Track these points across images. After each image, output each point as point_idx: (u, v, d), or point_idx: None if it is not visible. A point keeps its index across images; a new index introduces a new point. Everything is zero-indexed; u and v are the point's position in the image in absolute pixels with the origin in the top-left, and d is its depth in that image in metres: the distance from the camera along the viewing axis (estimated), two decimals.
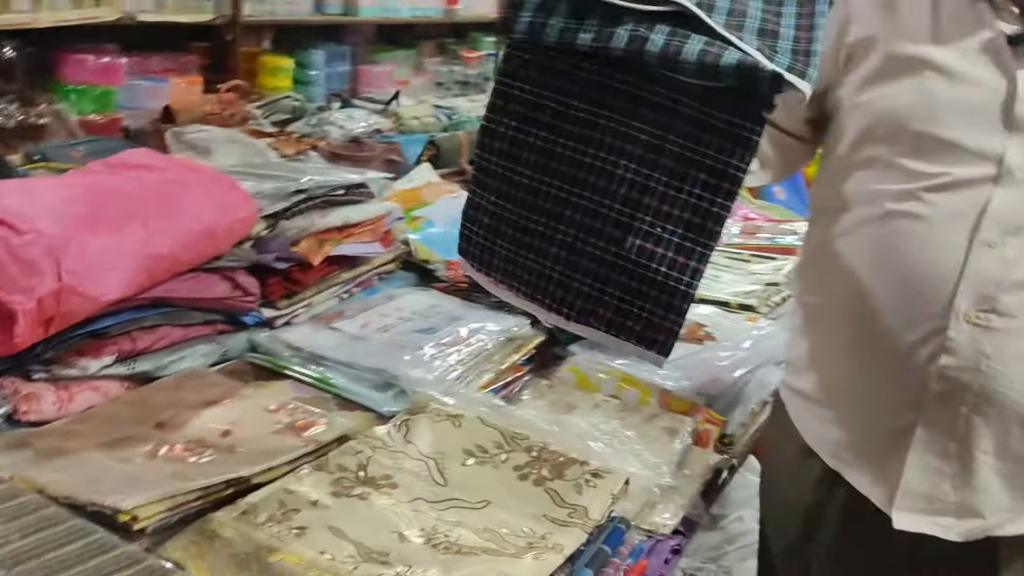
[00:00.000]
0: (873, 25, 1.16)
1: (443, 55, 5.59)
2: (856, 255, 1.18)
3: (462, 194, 2.07)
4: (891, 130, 1.14)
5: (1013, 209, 1.08)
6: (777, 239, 2.17)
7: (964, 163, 1.10)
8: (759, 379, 1.54)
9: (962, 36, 1.12)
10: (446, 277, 1.68)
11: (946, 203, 1.10)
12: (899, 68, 1.14)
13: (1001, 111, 1.09)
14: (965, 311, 1.09)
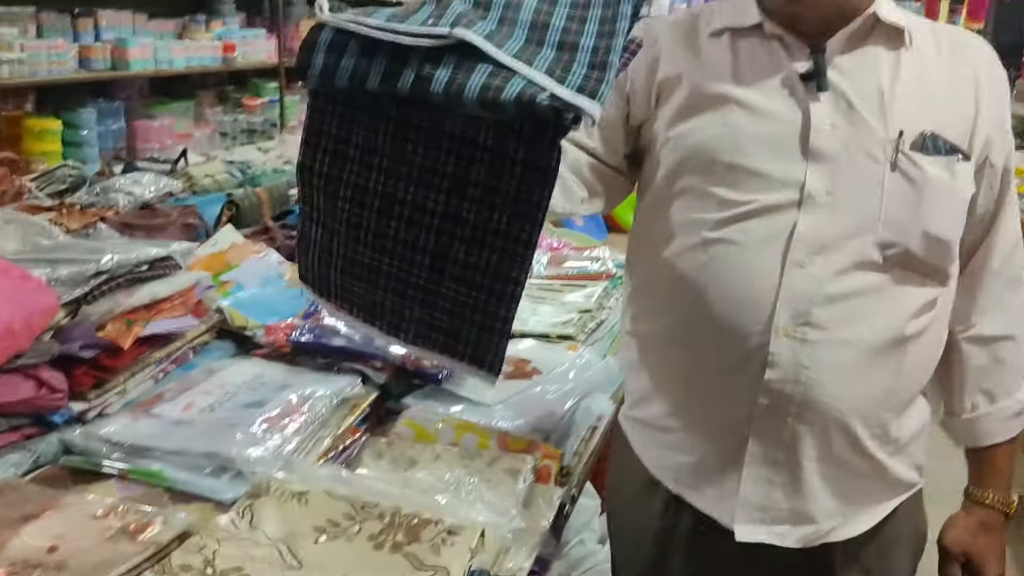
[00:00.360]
0: (679, 65, 1.25)
1: (224, 104, 5.44)
2: (681, 283, 1.24)
3: (269, 253, 2.03)
4: (702, 162, 1.21)
5: (816, 231, 1.17)
6: (584, 267, 2.26)
7: (770, 190, 1.18)
8: (586, 407, 1.60)
9: (760, 75, 1.21)
10: (266, 343, 1.63)
11: (758, 229, 1.18)
12: (705, 104, 1.22)
13: (799, 142, 1.18)
14: (783, 326, 1.17)
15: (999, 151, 1.25)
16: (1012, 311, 1.33)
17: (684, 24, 1.29)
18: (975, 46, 1.27)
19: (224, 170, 2.75)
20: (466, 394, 1.54)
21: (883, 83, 1.19)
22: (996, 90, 1.24)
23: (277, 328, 1.65)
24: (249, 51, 5.30)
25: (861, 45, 1.21)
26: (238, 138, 5.34)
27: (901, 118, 1.18)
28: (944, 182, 1.18)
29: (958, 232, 1.22)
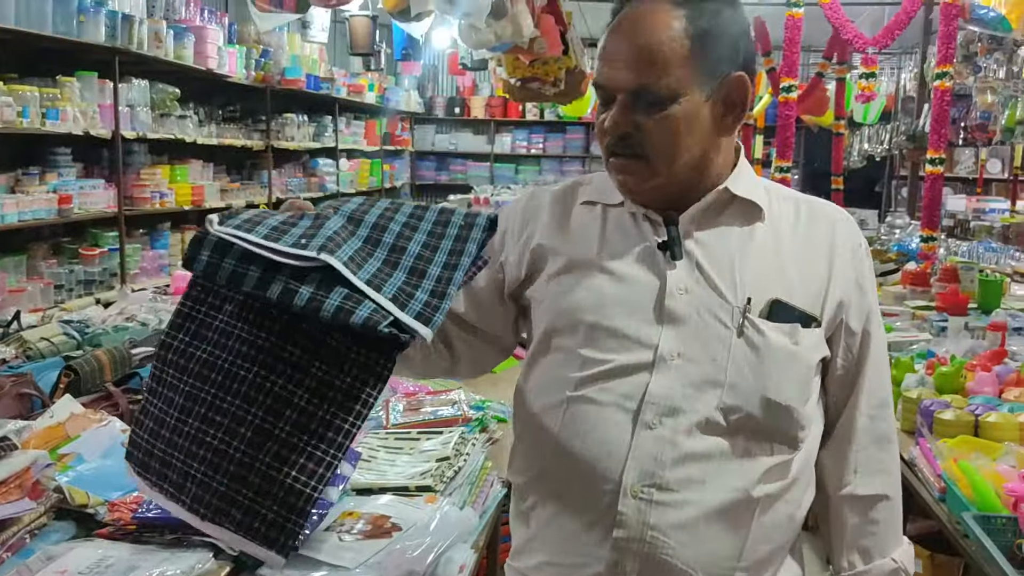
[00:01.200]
0: (554, 233, 1.35)
1: (59, 256, 5.25)
2: (546, 438, 1.30)
3: (112, 421, 1.96)
4: (570, 323, 1.29)
5: (666, 392, 1.23)
6: (439, 411, 2.29)
7: (627, 351, 1.25)
8: (447, 559, 1.60)
9: (624, 244, 1.31)
10: (110, 520, 1.56)
11: (614, 388, 1.24)
12: (575, 269, 1.31)
13: (655, 305, 1.26)
14: (631, 486, 1.21)
15: (856, 314, 1.32)
16: (883, 470, 1.36)
17: (562, 194, 1.40)
18: (831, 216, 1.36)
19: (60, 331, 2.65)
20: (324, 558, 1.52)
21: (735, 253, 1.28)
22: (850, 256, 1.32)
23: (121, 504, 1.58)
24: (87, 201, 5.18)
25: (717, 217, 1.31)
26: (75, 290, 5.15)
27: (750, 286, 1.25)
28: (786, 349, 1.24)
29: (803, 398, 1.27)
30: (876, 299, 1.37)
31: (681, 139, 1.24)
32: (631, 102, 1.24)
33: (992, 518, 1.88)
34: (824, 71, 7.87)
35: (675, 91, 1.22)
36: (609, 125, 1.26)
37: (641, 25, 1.23)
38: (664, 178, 1.27)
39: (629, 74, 1.23)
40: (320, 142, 9.04)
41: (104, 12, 5.05)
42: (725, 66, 1.25)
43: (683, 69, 1.22)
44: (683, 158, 1.26)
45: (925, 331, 3.50)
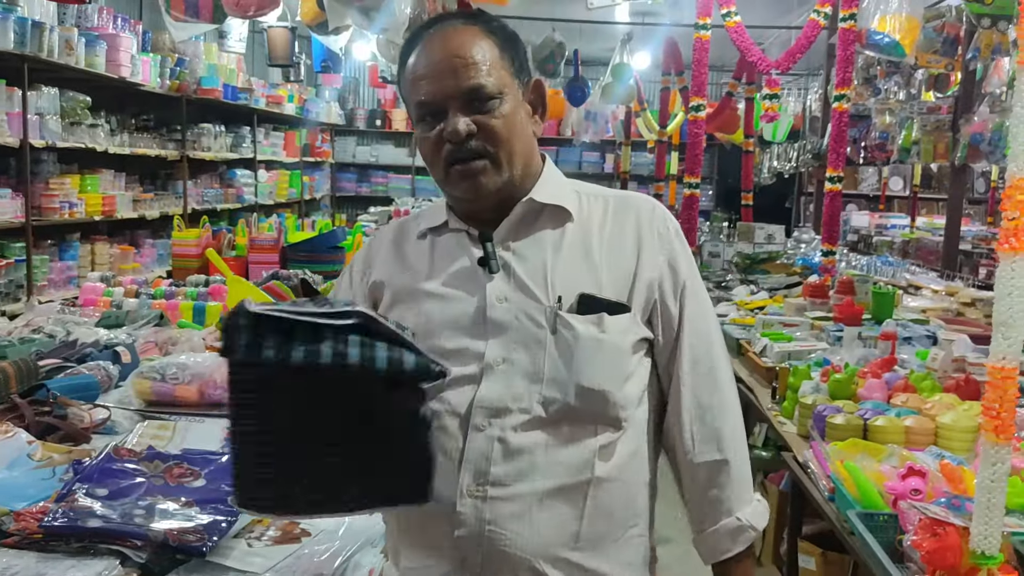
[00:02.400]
0: (388, 269, 1.47)
1: None
2: None
3: (17, 432, 1.94)
4: None
5: (493, 395, 1.34)
6: None
7: (460, 364, 1.35)
8: (356, 563, 1.64)
9: (449, 265, 1.42)
10: (15, 530, 1.55)
11: (448, 399, 1.35)
12: (407, 299, 1.43)
13: (480, 318, 1.37)
14: (467, 487, 1.32)
15: (671, 291, 1.43)
16: (716, 436, 1.45)
17: (398, 231, 1.53)
18: (636, 205, 1.47)
19: None
20: (233, 564, 1.54)
21: (547, 257, 1.39)
22: (657, 240, 1.43)
23: (27, 514, 1.58)
24: None
25: (530, 226, 1.42)
26: None
27: (560, 285, 1.37)
28: (594, 337, 1.34)
29: (618, 380, 1.37)
30: (694, 275, 1.47)
31: (516, 131, 1.38)
32: (465, 105, 1.35)
33: (875, 515, 2.00)
34: (734, 91, 8.14)
35: (500, 89, 1.36)
36: (450, 132, 1.34)
37: (454, 39, 1.37)
38: (506, 173, 1.37)
39: (458, 81, 1.34)
40: (238, 153, 8.94)
41: (13, 18, 4.94)
42: (526, 70, 1.42)
43: (501, 69, 1.37)
44: (518, 150, 1.38)
45: (823, 340, 3.67)
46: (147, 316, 3.35)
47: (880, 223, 9.08)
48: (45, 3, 5.33)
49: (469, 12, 1.47)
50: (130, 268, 6.35)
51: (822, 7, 5.12)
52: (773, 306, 4.50)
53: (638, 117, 10.16)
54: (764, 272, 5.96)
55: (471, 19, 1.42)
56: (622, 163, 10.75)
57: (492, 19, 1.43)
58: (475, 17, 1.43)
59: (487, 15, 1.45)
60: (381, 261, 1.50)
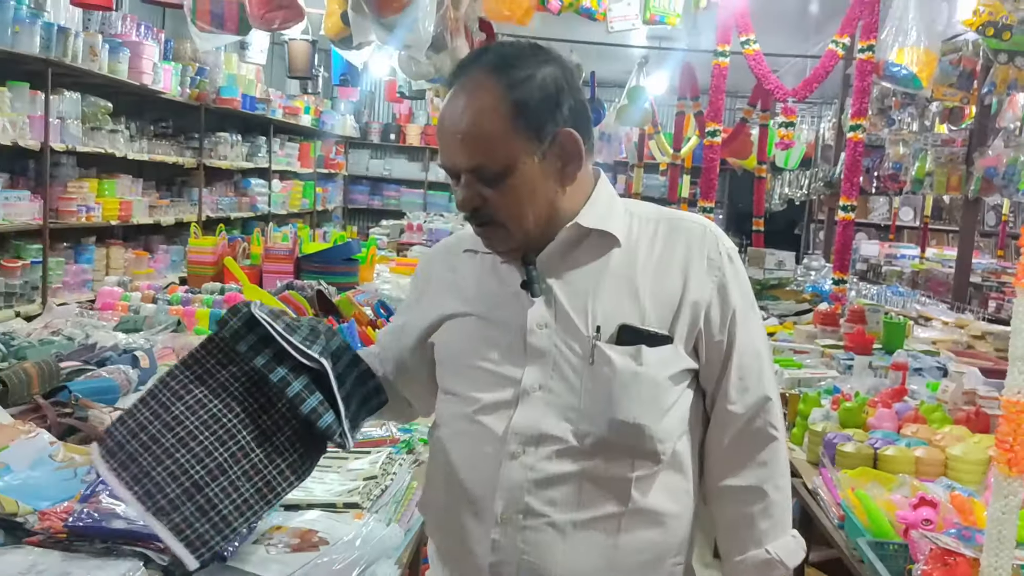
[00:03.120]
0: (439, 294, 1.51)
1: None
2: (437, 472, 1.46)
3: (40, 433, 1.97)
4: (452, 366, 1.45)
5: (529, 423, 1.34)
6: (369, 432, 2.34)
7: (496, 388, 1.37)
8: (371, 573, 1.66)
9: (494, 289, 1.44)
10: (40, 529, 1.58)
11: (486, 422, 1.37)
12: (456, 318, 1.46)
13: (520, 343, 1.37)
14: (501, 514, 1.34)
15: (718, 317, 1.37)
16: (758, 464, 1.41)
17: (446, 250, 1.57)
18: (688, 229, 1.41)
19: None
20: (252, 570, 1.56)
21: (590, 285, 1.37)
22: (706, 265, 1.38)
23: (52, 513, 1.60)
24: (11, 212, 5.10)
25: (574, 251, 1.40)
26: None
27: (601, 315, 1.35)
28: (631, 370, 1.32)
29: (656, 414, 1.34)
30: (745, 302, 1.41)
31: (525, 203, 1.35)
32: (472, 179, 1.35)
33: (885, 544, 2.02)
34: (748, 117, 8.18)
35: (508, 164, 1.32)
36: (459, 202, 1.37)
37: (463, 109, 1.33)
38: (521, 237, 1.37)
39: (463, 156, 1.33)
40: (253, 162, 9.01)
41: (40, 23, 5.01)
42: (551, 126, 1.34)
43: (510, 142, 1.32)
44: (531, 217, 1.36)
45: (833, 368, 3.69)
46: (164, 322, 3.39)
47: (890, 253, 9.09)
48: (71, 9, 5.39)
49: (501, 56, 1.36)
50: (144, 273, 6.39)
51: (840, 38, 5.16)
52: (783, 332, 4.52)
53: (652, 140, 10.21)
54: (774, 298, 5.97)
55: (496, 71, 1.33)
56: (634, 184, 10.79)
57: (523, 66, 1.34)
58: (501, 69, 1.33)
59: (520, 60, 1.35)
60: (432, 283, 1.54)
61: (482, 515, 1.35)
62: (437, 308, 1.49)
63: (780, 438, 1.44)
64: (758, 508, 1.42)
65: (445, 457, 1.43)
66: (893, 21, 4.70)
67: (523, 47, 1.39)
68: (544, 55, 1.38)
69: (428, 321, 1.50)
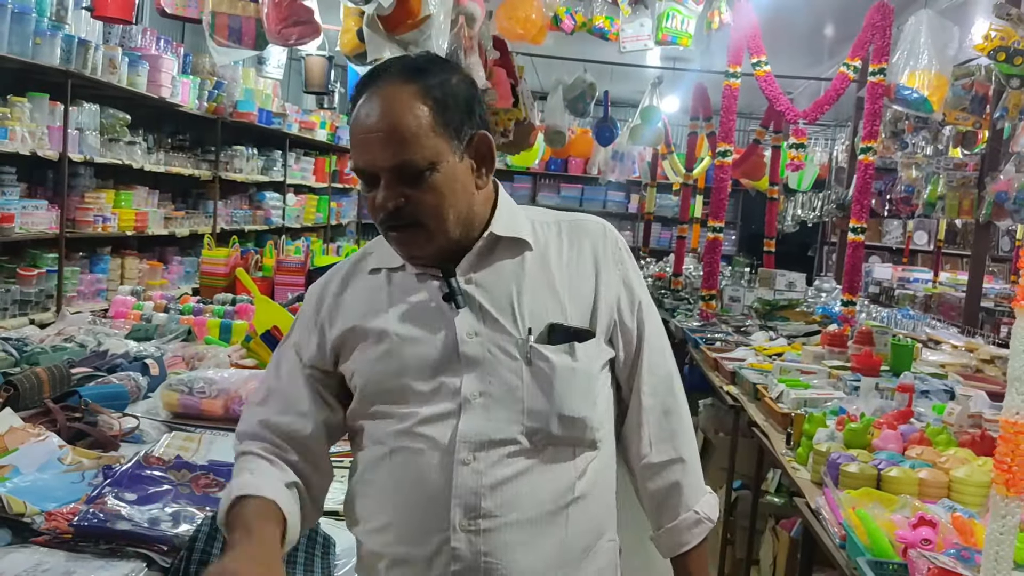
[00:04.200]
0: (345, 316, 1.46)
1: None
2: (376, 490, 1.42)
3: (50, 437, 2.00)
4: (379, 388, 1.42)
5: (476, 428, 1.36)
6: None
7: (436, 401, 1.38)
8: None
9: (411, 305, 1.43)
10: (46, 529, 1.61)
11: (430, 434, 1.37)
12: (371, 338, 1.43)
13: (452, 354, 1.39)
14: (459, 522, 1.35)
15: (628, 309, 1.49)
16: (671, 435, 1.53)
17: (349, 271, 1.51)
18: (586, 226, 1.51)
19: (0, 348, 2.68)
20: None
21: (512, 289, 1.41)
22: (612, 261, 1.49)
23: (58, 514, 1.63)
24: (29, 221, 5.16)
25: (489, 258, 1.43)
26: (9, 309, 5.10)
27: (529, 317, 1.40)
28: (567, 366, 1.40)
29: (592, 405, 1.43)
30: (644, 290, 1.54)
31: (447, 200, 1.36)
32: (395, 178, 1.34)
33: (884, 564, 2.02)
34: (761, 138, 8.21)
35: (431, 160, 1.34)
36: (380, 203, 1.36)
37: (385, 108, 1.33)
38: (442, 238, 1.38)
39: (386, 154, 1.33)
40: (268, 175, 9.08)
41: (60, 36, 5.08)
42: (468, 127, 1.39)
43: (433, 138, 1.34)
44: (452, 216, 1.38)
45: (840, 389, 3.69)
46: (175, 331, 3.43)
47: (903, 276, 9.06)
48: (92, 22, 5.47)
49: (412, 64, 1.40)
50: (158, 284, 6.45)
51: (852, 61, 5.19)
52: (791, 353, 4.52)
53: (665, 159, 10.24)
54: (784, 319, 5.97)
55: (410, 77, 1.36)
56: (647, 204, 10.81)
57: (434, 73, 1.38)
58: (414, 74, 1.37)
59: (431, 67, 1.40)
60: (334, 306, 1.49)
61: (438, 525, 1.36)
62: (345, 330, 1.46)
63: (683, 403, 1.57)
64: (679, 475, 1.53)
65: (386, 475, 1.41)
66: (905, 45, 4.72)
67: (431, 57, 1.44)
68: (452, 65, 1.44)
69: (335, 345, 1.47)
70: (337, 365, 1.48)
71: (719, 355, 4.76)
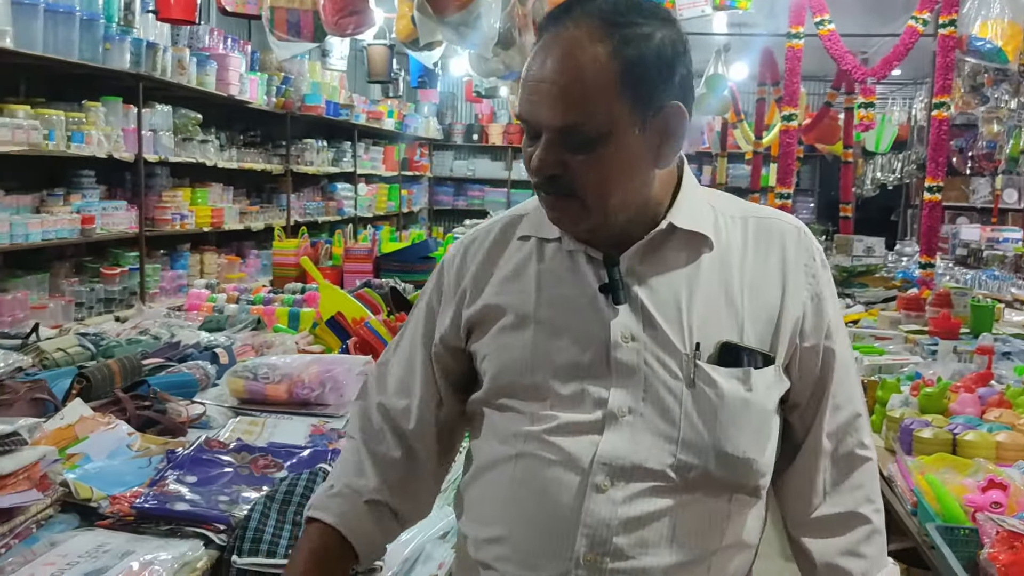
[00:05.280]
0: (489, 290, 1.26)
1: (81, 274, 5.42)
2: (495, 495, 1.23)
3: (119, 424, 2.07)
4: (513, 379, 1.22)
5: (618, 451, 1.15)
6: None
7: (576, 408, 1.17)
8: (427, 554, 1.71)
9: (563, 290, 1.21)
10: (110, 512, 1.67)
11: (564, 446, 1.16)
12: (511, 323, 1.23)
13: (603, 357, 1.17)
14: (583, 554, 1.14)
15: (813, 332, 1.23)
16: (856, 490, 1.27)
17: (499, 236, 1.30)
18: (781, 231, 1.26)
19: (76, 343, 2.78)
20: None
21: (681, 293, 1.19)
22: (803, 273, 1.24)
23: (121, 498, 1.69)
24: (109, 222, 5.35)
25: (659, 252, 1.20)
26: (95, 307, 5.31)
27: (699, 330, 1.17)
28: (740, 397, 1.16)
29: (763, 447, 1.19)
30: (837, 312, 1.28)
31: (614, 180, 1.15)
32: (558, 140, 1.13)
33: (955, 529, 1.95)
34: (832, 101, 7.98)
35: (605, 130, 1.12)
36: (536, 165, 1.16)
37: (565, 57, 1.12)
38: (600, 218, 1.17)
39: (554, 112, 1.12)
40: (339, 167, 9.23)
41: (129, 40, 5.24)
42: (660, 96, 1.14)
43: (612, 105, 1.11)
44: (617, 197, 1.16)
45: (917, 355, 3.57)
46: (245, 321, 3.52)
47: (992, 236, 8.71)
48: (160, 25, 5.63)
49: (612, 6, 1.14)
50: (236, 277, 6.63)
51: (920, 14, 4.99)
52: (867, 319, 4.40)
53: (735, 128, 10.04)
54: (862, 286, 5.81)
55: (603, 24, 1.12)
56: (718, 175, 10.63)
57: (635, 23, 1.13)
58: (610, 21, 1.13)
59: (633, 15, 1.14)
60: (479, 276, 1.28)
61: (558, 553, 1.16)
62: (485, 307, 1.26)
63: (873, 457, 1.31)
64: (860, 535, 1.27)
65: (507, 481, 1.21)
66: None
67: (636, 1, 1.17)
68: (663, 12, 1.18)
69: (472, 320, 1.28)
70: (468, 342, 1.29)
71: None
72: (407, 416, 1.33)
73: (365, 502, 1.30)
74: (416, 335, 1.35)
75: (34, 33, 4.42)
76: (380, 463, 1.33)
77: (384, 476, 1.32)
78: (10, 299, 4.51)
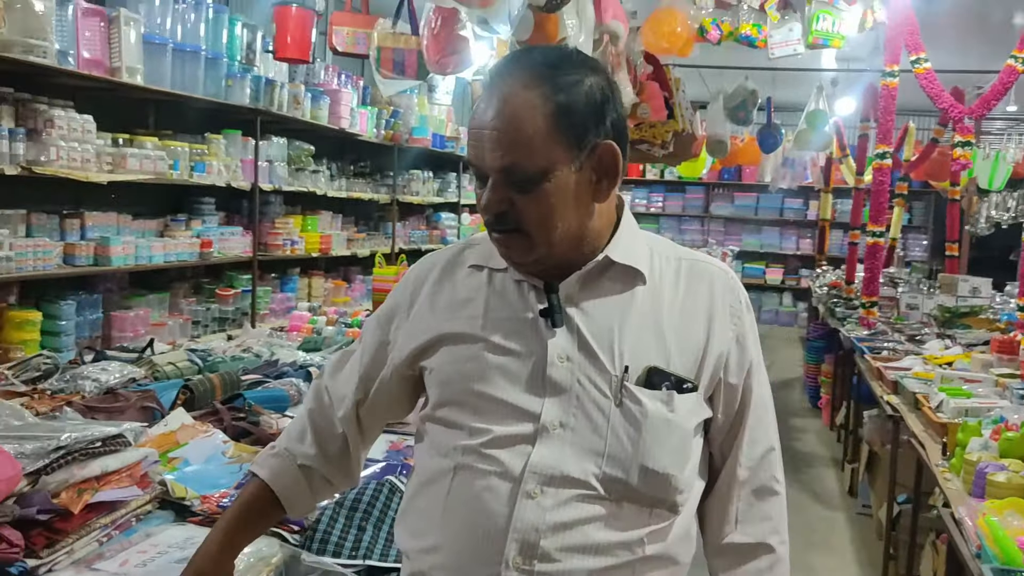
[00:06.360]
0: (439, 310, 1.38)
1: (198, 295, 5.78)
2: (431, 507, 1.32)
3: (215, 433, 2.28)
4: (456, 392, 1.32)
5: (549, 461, 1.24)
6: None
7: (511, 421, 1.27)
8: None
9: (507, 313, 1.33)
10: (201, 511, 1.86)
11: (498, 458, 1.26)
12: (461, 341, 1.34)
13: (538, 375, 1.28)
14: (513, 559, 1.22)
15: (736, 370, 1.34)
16: (764, 518, 1.38)
17: (450, 262, 1.43)
18: (710, 274, 1.38)
19: (186, 358, 3.04)
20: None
21: (615, 320, 1.30)
22: (728, 315, 1.35)
23: (211, 498, 1.88)
24: (226, 246, 5.70)
25: (596, 283, 1.32)
26: (209, 326, 5.65)
27: (628, 354, 1.28)
28: (663, 417, 1.26)
29: (682, 464, 1.28)
30: (758, 352, 1.39)
31: (556, 213, 1.26)
32: (503, 180, 1.25)
33: (1013, 572, 1.96)
34: (939, 137, 7.79)
35: (544, 168, 1.23)
36: (484, 204, 1.28)
37: (503, 104, 1.24)
38: (545, 250, 1.28)
39: (495, 154, 1.24)
40: (443, 197, 9.51)
41: (249, 77, 5.61)
42: (592, 136, 1.26)
43: (548, 146, 1.23)
44: (560, 230, 1.27)
45: (1006, 399, 3.50)
46: (341, 342, 3.74)
47: None
48: (277, 64, 6.00)
49: (542, 60, 1.27)
50: (341, 301, 6.93)
51: (1020, 52, 4.88)
52: (962, 361, 4.31)
53: (841, 163, 9.88)
54: (965, 327, 5.66)
55: (536, 74, 1.25)
56: (821, 210, 10.45)
57: (565, 71, 1.26)
58: (542, 72, 1.25)
59: (563, 64, 1.27)
60: (431, 297, 1.41)
61: (490, 558, 1.24)
62: (434, 327, 1.37)
63: (782, 492, 1.42)
64: (763, 563, 1.38)
65: (444, 493, 1.30)
66: None
67: (569, 52, 1.32)
68: (591, 63, 1.32)
69: (422, 340, 1.38)
70: (418, 359, 1.40)
71: (883, 364, 4.60)
72: (342, 404, 1.49)
73: (299, 465, 1.48)
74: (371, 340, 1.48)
75: (163, 70, 4.80)
76: (319, 436, 1.49)
77: (322, 448, 1.49)
78: (132, 316, 4.86)
